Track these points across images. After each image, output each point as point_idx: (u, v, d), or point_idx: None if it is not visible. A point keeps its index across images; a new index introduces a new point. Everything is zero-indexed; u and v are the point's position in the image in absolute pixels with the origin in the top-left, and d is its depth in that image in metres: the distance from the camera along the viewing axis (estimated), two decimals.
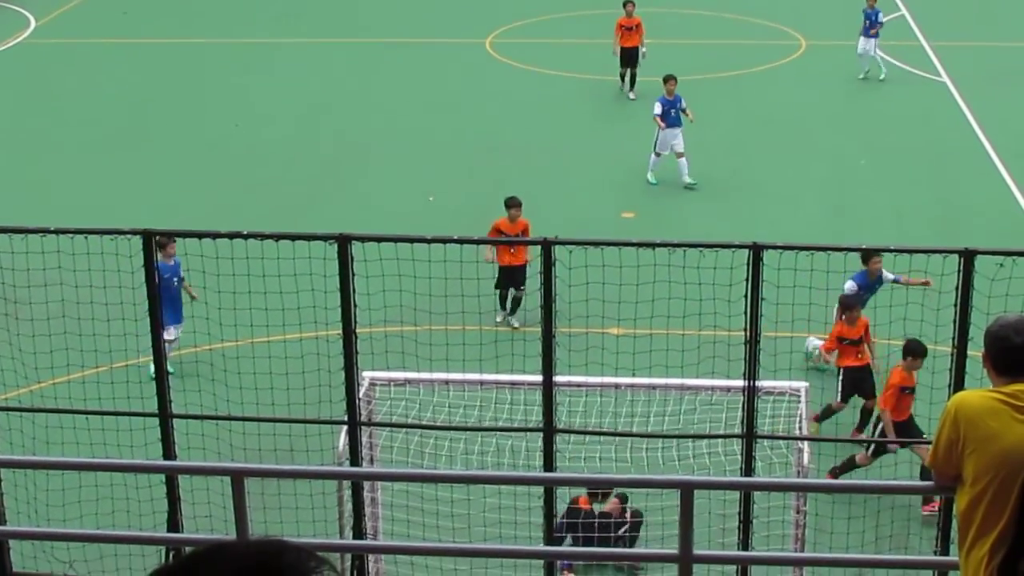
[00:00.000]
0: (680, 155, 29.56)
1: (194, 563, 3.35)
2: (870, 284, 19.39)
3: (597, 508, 16.66)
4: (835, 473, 17.18)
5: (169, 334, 19.32)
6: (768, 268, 13.28)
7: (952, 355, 13.40)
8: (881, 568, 15.81)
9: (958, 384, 13.22)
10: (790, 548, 15.31)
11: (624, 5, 35.31)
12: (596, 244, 13.99)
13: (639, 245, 14.07)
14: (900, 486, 10.48)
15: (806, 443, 15.32)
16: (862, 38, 35.85)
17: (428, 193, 28.97)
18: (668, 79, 29.93)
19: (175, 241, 20.25)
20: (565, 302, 14.53)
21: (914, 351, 16.80)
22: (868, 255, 19.35)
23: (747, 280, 13.27)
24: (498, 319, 21.75)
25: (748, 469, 13.96)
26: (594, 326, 16.08)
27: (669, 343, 15.75)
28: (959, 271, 13.21)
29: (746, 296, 13.33)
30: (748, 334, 13.45)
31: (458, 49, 40.31)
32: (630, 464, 15.52)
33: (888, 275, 19.35)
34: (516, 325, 21.81)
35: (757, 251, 13.24)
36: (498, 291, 21.94)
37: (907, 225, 27.14)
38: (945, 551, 12.86)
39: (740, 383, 13.79)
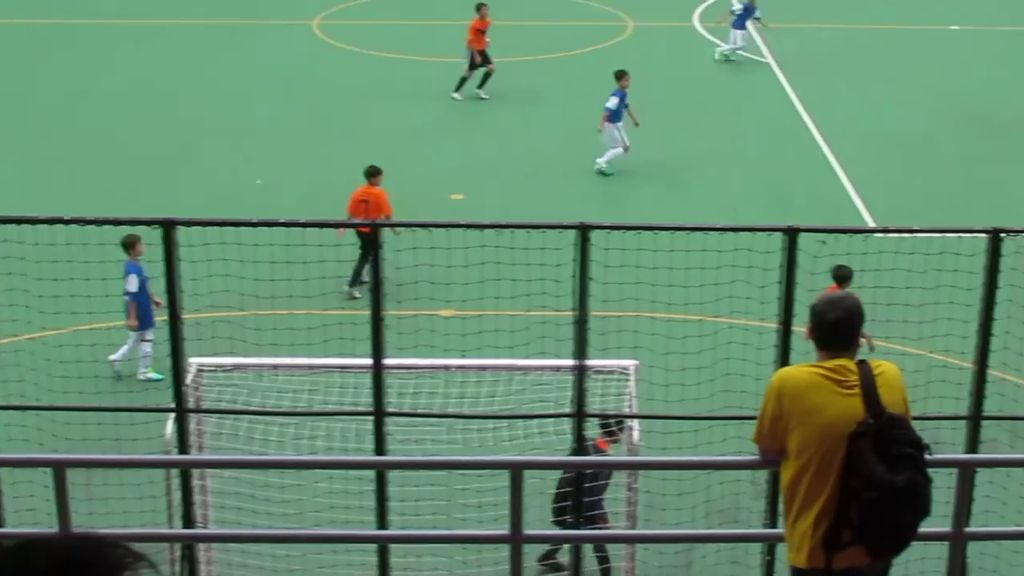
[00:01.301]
0: (627, 148, 29.85)
1: (2, 560, 3.21)
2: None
3: (612, 451, 16.34)
4: None
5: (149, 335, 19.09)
6: (596, 248, 13.31)
7: (778, 331, 13.56)
8: (712, 543, 16.03)
9: (783, 360, 13.36)
10: (622, 525, 15.41)
11: (479, 8, 35.04)
12: (425, 226, 13.92)
13: (467, 226, 14.03)
14: (728, 461, 10.56)
15: (636, 421, 15.42)
16: (738, 31, 36.66)
17: (256, 177, 28.71)
18: (623, 74, 30.01)
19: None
20: (394, 284, 14.45)
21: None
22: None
23: (575, 260, 13.29)
24: (357, 294, 21.60)
25: (580, 448, 14.01)
26: (423, 308, 16.03)
27: (499, 324, 15.76)
28: (784, 248, 13.36)
29: (575, 276, 13.35)
30: (577, 314, 13.48)
31: (285, 31, 39.96)
32: (461, 445, 15.51)
33: None
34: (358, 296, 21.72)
35: (585, 231, 13.27)
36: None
37: (735, 203, 27.44)
38: (773, 524, 13.01)
39: (570, 362, 13.82)
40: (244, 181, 28.46)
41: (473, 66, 34.15)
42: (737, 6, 36.79)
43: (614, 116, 29.76)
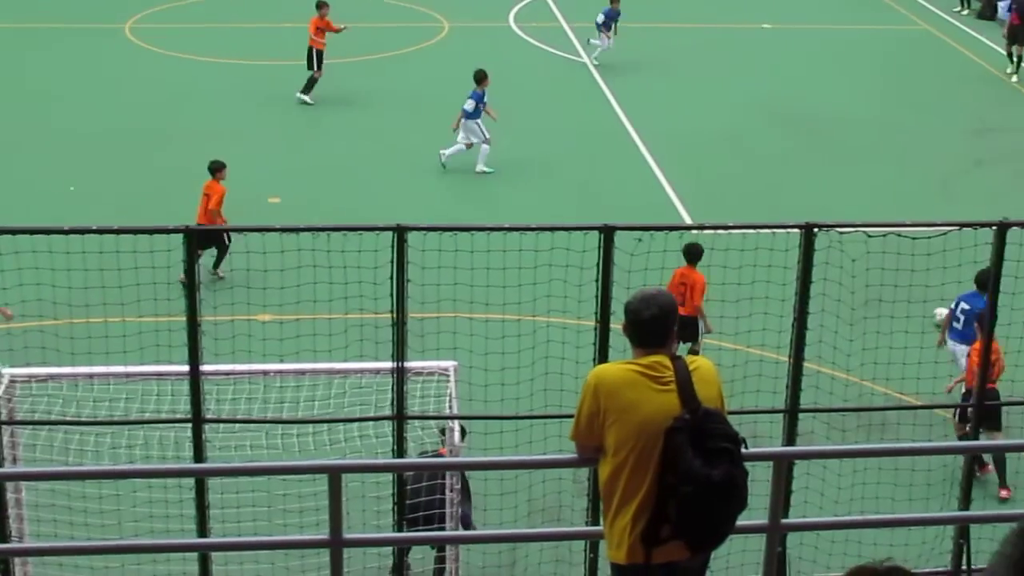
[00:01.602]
0: (469, 145, 29.92)
1: None
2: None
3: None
4: None
5: None
6: (413, 250, 13.29)
7: (595, 329, 13.64)
8: (536, 542, 16.08)
9: (602, 357, 13.45)
10: (447, 526, 15.39)
11: (320, 7, 34.68)
12: (239, 230, 13.79)
13: (283, 230, 13.92)
14: (548, 460, 10.60)
15: (457, 422, 15.42)
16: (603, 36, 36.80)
17: (69, 184, 28.23)
18: (484, 76, 30.15)
19: None
20: (211, 290, 14.28)
21: None
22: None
23: (392, 262, 13.26)
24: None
25: (400, 450, 13.97)
26: (241, 313, 15.87)
27: (317, 328, 15.65)
28: (599, 247, 13.45)
29: (392, 278, 13.32)
30: (395, 316, 13.45)
31: (97, 35, 39.30)
32: (281, 450, 15.38)
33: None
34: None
35: (401, 233, 13.24)
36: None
37: (553, 202, 27.56)
38: (596, 521, 13.08)
39: (389, 365, 13.78)
40: (56, 188, 27.94)
41: (319, 65, 34.00)
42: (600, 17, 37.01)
43: (473, 114, 29.96)
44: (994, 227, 14.33)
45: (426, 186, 28.66)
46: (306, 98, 33.72)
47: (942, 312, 20.95)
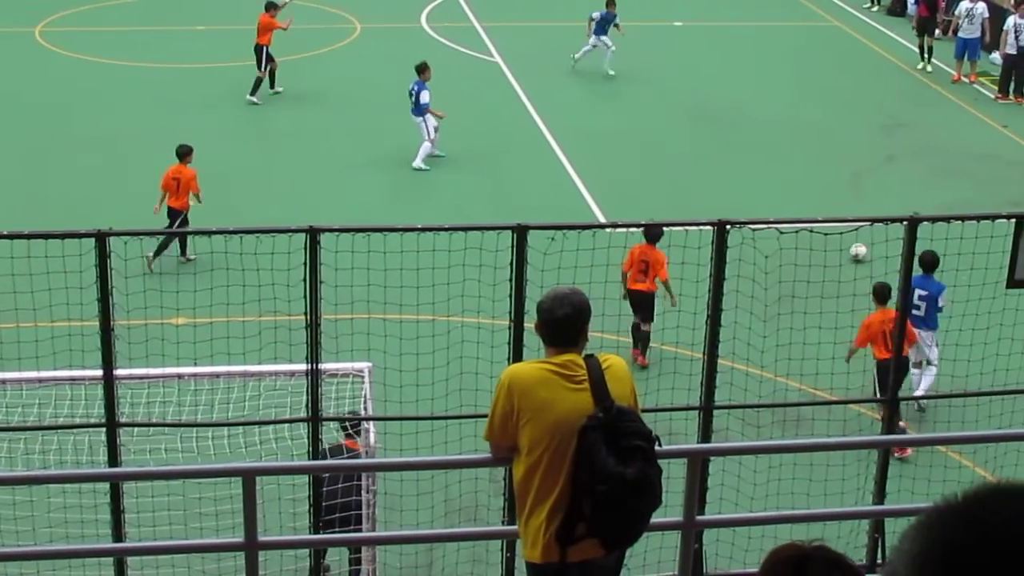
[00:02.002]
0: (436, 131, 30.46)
1: None
2: None
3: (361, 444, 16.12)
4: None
5: None
6: (326, 251, 13.27)
7: (510, 328, 13.67)
8: (453, 541, 16.08)
9: (516, 356, 13.48)
10: (363, 527, 15.37)
11: (269, 7, 34.28)
12: (150, 234, 13.72)
13: (195, 233, 13.87)
14: (463, 460, 10.62)
15: (372, 423, 15.41)
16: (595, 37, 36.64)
17: None
18: (425, 67, 30.55)
19: None
20: (123, 294, 14.18)
21: None
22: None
23: (305, 264, 13.24)
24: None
25: (315, 452, 13.95)
26: (154, 317, 15.77)
27: (231, 330, 15.58)
28: (513, 246, 13.48)
29: (305, 279, 13.30)
30: (309, 318, 13.42)
31: (5, 39, 38.91)
32: (196, 454, 15.31)
33: None
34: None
35: (313, 234, 13.22)
36: None
37: (466, 202, 27.58)
38: (512, 520, 13.10)
39: (303, 367, 13.76)
40: None
41: (266, 64, 33.81)
42: (596, 14, 36.81)
43: (421, 110, 30.19)
44: (905, 222, 14.48)
45: (342, 186, 28.58)
46: (254, 99, 33.72)
47: (860, 250, 21.42)
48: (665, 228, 15.62)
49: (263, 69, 33.74)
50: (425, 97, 30.09)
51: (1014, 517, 2.61)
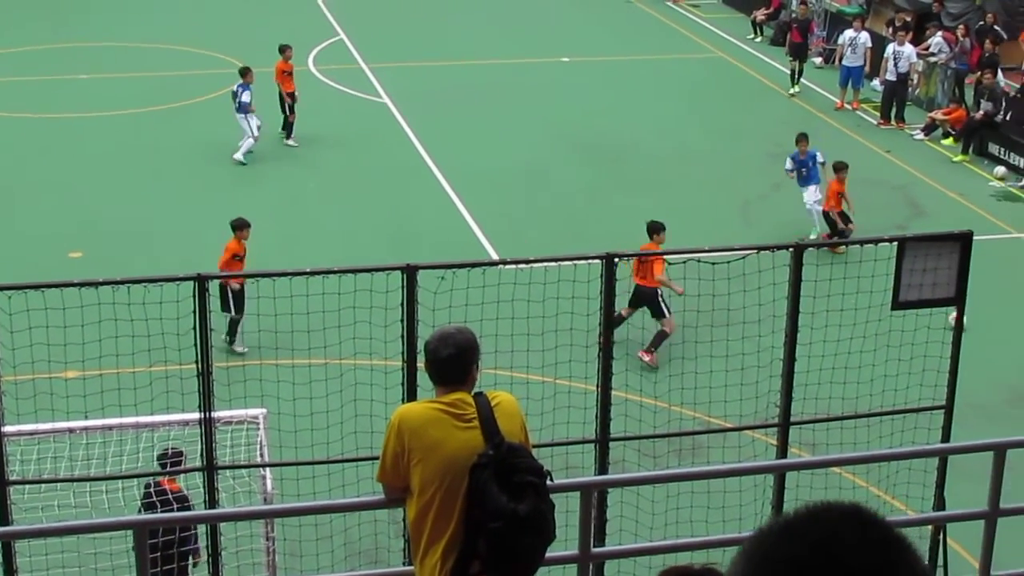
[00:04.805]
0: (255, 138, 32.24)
1: None
2: None
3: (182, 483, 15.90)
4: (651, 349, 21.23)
5: None
6: (215, 298, 13.23)
7: (403, 369, 13.66)
8: None
9: (411, 396, 13.48)
10: None
11: (283, 50, 34.28)
12: (37, 287, 13.54)
13: (82, 285, 13.75)
14: (356, 503, 10.56)
15: (268, 469, 15.33)
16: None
17: None
18: (247, 70, 32.43)
19: None
20: (8, 349, 14.06)
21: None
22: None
23: (194, 312, 13.18)
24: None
25: (211, 501, 13.85)
26: (42, 371, 15.59)
27: (122, 382, 15.45)
28: (403, 287, 13.49)
29: (195, 327, 13.24)
30: (200, 366, 13.36)
31: None
32: (90, 508, 15.15)
33: None
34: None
35: (202, 282, 13.17)
36: None
37: (358, 245, 27.51)
38: (413, 561, 13.06)
39: (196, 416, 13.68)
40: None
41: (291, 108, 33.89)
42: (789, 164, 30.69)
43: (243, 108, 31.96)
44: (791, 249, 14.65)
45: (229, 232, 28.38)
46: (291, 142, 33.86)
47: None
48: (554, 263, 15.67)
49: (292, 111, 33.91)
50: (246, 97, 31.86)
51: (828, 537, 2.70)
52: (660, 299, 21.98)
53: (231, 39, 43.02)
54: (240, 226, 23.71)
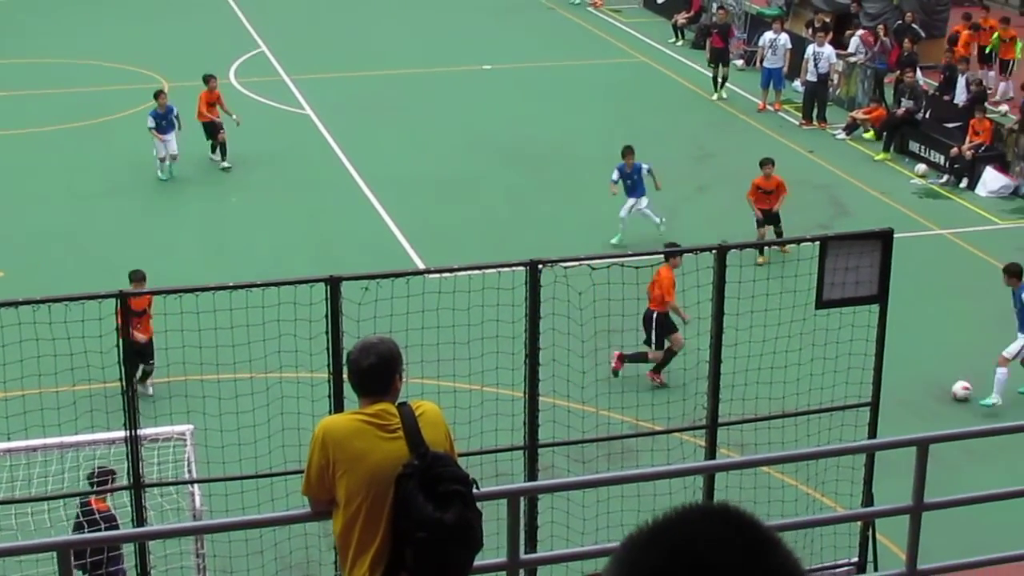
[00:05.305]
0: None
1: None
2: None
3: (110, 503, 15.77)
4: (621, 361, 20.43)
5: None
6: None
7: (329, 380, 13.62)
8: None
9: (338, 408, 13.45)
10: None
11: (207, 80, 33.90)
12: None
13: (1, 305, 13.63)
14: (283, 517, 10.50)
15: (197, 486, 15.24)
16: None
17: None
18: (160, 93, 32.48)
19: None
20: None
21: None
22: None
23: (116, 329, 13.11)
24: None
25: (140, 519, 13.76)
26: None
27: (44, 402, 15.32)
28: (327, 299, 13.45)
29: (117, 345, 13.17)
30: (124, 384, 13.28)
31: None
32: (16, 530, 15.00)
33: None
34: None
35: (123, 299, 13.10)
36: None
37: (283, 258, 27.40)
38: None
39: (122, 434, 13.58)
40: None
41: (217, 130, 33.40)
42: None
43: (159, 130, 31.92)
44: (714, 250, 14.72)
45: (152, 249, 28.22)
46: (224, 163, 33.28)
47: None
48: (478, 271, 15.66)
49: (218, 133, 33.39)
50: (150, 123, 32.02)
51: (691, 540, 2.74)
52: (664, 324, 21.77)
53: (151, 53, 42.78)
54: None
